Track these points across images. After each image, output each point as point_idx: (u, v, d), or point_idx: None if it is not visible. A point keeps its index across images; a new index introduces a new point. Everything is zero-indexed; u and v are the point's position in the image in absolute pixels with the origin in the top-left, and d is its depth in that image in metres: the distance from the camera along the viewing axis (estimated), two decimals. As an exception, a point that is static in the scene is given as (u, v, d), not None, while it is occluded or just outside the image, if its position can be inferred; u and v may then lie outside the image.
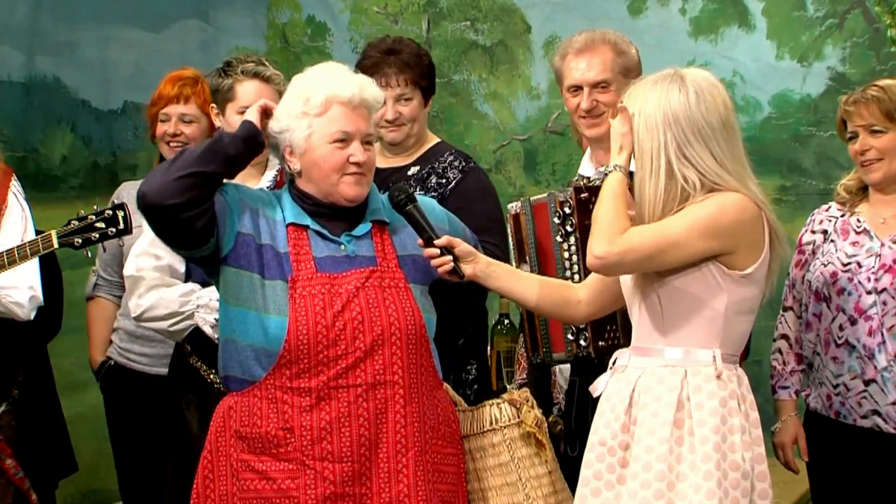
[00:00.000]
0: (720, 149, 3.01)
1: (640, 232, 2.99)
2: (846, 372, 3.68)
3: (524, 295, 3.26)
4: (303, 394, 3.14)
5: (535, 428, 3.36)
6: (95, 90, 5.64)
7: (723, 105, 3.05)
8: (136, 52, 5.75)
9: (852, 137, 3.72)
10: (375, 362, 3.15)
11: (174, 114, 4.28)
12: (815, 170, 5.22)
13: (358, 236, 3.24)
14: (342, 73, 3.27)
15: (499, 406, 3.40)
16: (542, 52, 5.76)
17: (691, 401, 3.00)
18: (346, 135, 3.19)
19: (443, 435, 3.26)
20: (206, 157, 3.15)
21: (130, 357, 4.34)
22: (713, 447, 2.96)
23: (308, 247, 3.21)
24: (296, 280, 3.16)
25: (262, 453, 3.17)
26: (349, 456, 3.13)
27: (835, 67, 5.27)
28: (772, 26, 5.37)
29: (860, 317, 3.66)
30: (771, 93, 5.36)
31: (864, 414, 3.65)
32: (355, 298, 3.16)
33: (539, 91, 5.78)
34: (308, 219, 3.24)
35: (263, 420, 3.17)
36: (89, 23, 5.68)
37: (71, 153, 5.60)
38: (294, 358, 3.14)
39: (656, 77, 3.08)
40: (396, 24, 5.93)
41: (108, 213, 3.68)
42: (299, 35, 6.06)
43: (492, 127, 5.86)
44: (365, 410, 3.14)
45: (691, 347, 3.04)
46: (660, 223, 2.99)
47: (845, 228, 3.75)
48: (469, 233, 3.47)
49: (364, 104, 3.21)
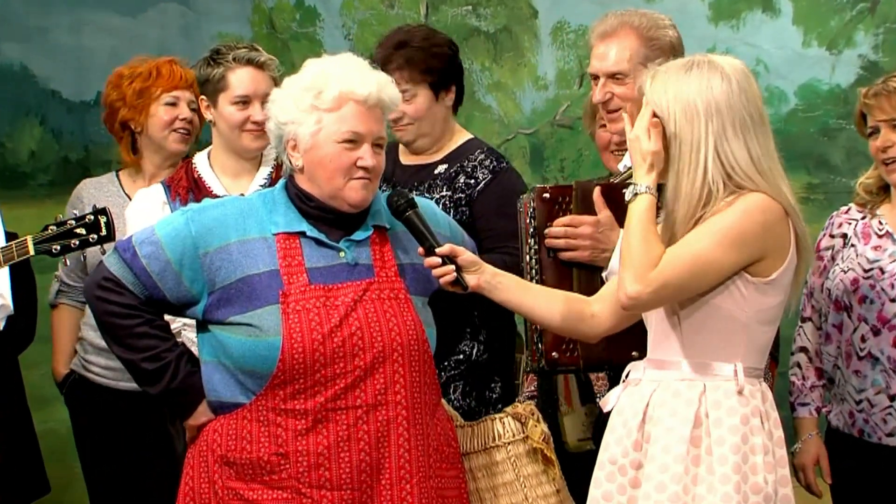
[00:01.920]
0: (756, 144, 2.98)
1: (672, 262, 2.93)
2: (870, 386, 3.66)
3: (532, 309, 3.20)
4: (298, 416, 3.08)
5: (542, 444, 3.34)
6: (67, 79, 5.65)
7: (759, 96, 3.02)
8: (111, 39, 5.74)
9: (873, 133, 3.67)
10: (377, 381, 3.10)
11: (184, 98, 4.22)
12: (844, 166, 5.18)
13: (357, 241, 3.18)
14: (360, 67, 3.20)
15: (502, 421, 3.38)
16: (549, 38, 5.72)
17: (710, 417, 2.96)
18: (356, 136, 3.12)
19: (445, 457, 3.22)
20: (140, 373, 3.22)
21: (94, 370, 4.29)
22: (732, 468, 2.91)
23: (300, 256, 3.14)
24: (288, 294, 3.09)
25: (252, 480, 3.11)
26: (349, 483, 3.07)
27: (866, 55, 5.22)
28: (798, 11, 5.33)
29: (884, 327, 3.65)
30: (797, 83, 5.31)
31: (889, 431, 3.63)
32: (353, 312, 3.10)
33: (546, 81, 5.74)
34: (304, 223, 3.16)
35: (254, 444, 3.10)
36: (61, 6, 5.69)
37: (40, 147, 5.62)
38: (288, 378, 3.07)
39: (686, 63, 3.03)
40: (392, 8, 5.90)
41: (88, 218, 3.63)
42: (287, 20, 6.03)
43: (495, 120, 5.83)
44: (366, 434, 3.08)
45: (711, 360, 2.99)
46: (687, 245, 2.94)
47: (866, 232, 3.74)
48: (468, 239, 3.41)
49: (380, 104, 3.16)
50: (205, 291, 3.15)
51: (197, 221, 3.16)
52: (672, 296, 2.96)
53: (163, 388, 3.20)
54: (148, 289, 3.16)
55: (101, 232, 3.63)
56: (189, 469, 3.22)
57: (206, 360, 3.19)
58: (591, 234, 3.38)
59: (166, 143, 4.23)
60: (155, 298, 3.17)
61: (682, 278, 2.93)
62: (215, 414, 3.17)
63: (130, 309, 3.18)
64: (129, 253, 3.16)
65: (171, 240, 3.15)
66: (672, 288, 2.93)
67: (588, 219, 3.39)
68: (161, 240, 3.15)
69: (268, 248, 3.13)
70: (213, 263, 3.13)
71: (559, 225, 3.40)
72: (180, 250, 3.14)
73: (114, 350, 3.26)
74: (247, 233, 3.15)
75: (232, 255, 3.13)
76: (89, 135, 5.63)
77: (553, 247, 3.41)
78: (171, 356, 3.20)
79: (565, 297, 3.22)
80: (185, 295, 3.16)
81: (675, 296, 2.97)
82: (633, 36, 3.56)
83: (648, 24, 3.57)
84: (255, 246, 3.14)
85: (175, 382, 3.19)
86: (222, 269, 3.13)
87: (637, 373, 3.09)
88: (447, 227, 3.35)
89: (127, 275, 3.16)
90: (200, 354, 3.22)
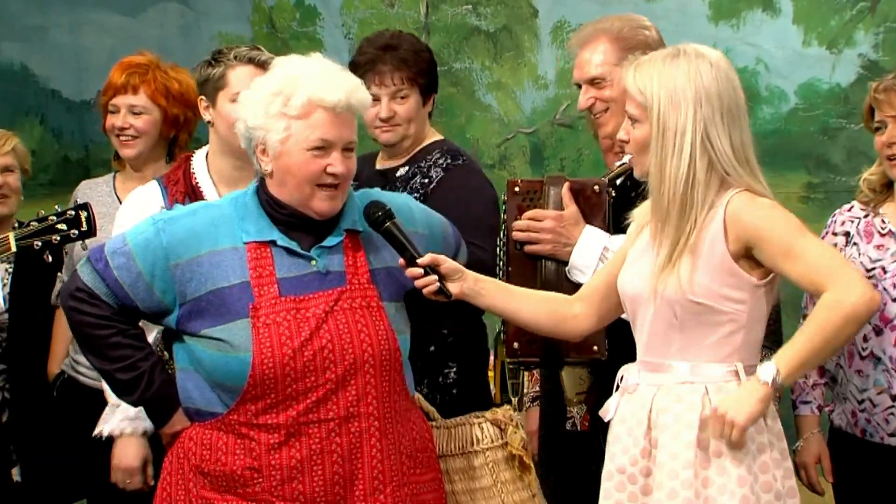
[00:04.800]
0: (739, 134, 2.99)
1: (833, 256, 2.98)
2: (872, 386, 3.65)
3: (516, 313, 3.23)
4: (270, 430, 3.07)
5: (521, 451, 3.34)
6: (67, 79, 5.65)
7: (741, 89, 3.04)
8: (110, 38, 5.75)
9: (879, 128, 3.67)
10: (348, 394, 3.09)
11: (123, 105, 4.21)
12: (844, 165, 5.16)
13: (329, 247, 3.15)
14: (329, 71, 3.14)
15: (481, 426, 3.38)
16: (549, 38, 5.72)
17: None
18: (326, 143, 3.08)
19: (420, 462, 3.22)
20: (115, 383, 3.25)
21: (79, 370, 4.23)
22: (746, 469, 2.93)
23: (271, 266, 3.11)
24: (258, 308, 3.07)
25: (226, 492, 3.11)
26: (322, 496, 3.07)
27: (867, 54, 5.22)
28: (798, 10, 5.32)
29: (886, 326, 3.63)
30: (797, 82, 5.31)
31: (892, 431, 3.62)
32: (324, 325, 3.08)
33: (546, 80, 5.75)
34: (275, 231, 3.13)
35: (228, 456, 3.10)
36: (60, 6, 5.68)
37: (40, 147, 5.58)
38: (259, 393, 3.06)
39: (672, 51, 3.04)
40: (393, 7, 5.90)
41: (69, 213, 3.63)
42: (287, 19, 6.04)
43: (495, 119, 5.83)
44: (338, 446, 3.08)
45: (710, 361, 3.00)
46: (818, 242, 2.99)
47: (869, 230, 3.72)
48: (452, 231, 3.41)
49: (349, 110, 3.10)
50: (176, 302, 3.12)
51: (168, 232, 3.13)
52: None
53: (138, 397, 3.22)
54: (120, 299, 3.14)
55: (81, 227, 3.61)
56: (166, 475, 3.21)
57: (181, 368, 3.18)
58: (552, 227, 3.43)
59: (117, 147, 4.25)
60: (128, 308, 3.15)
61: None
62: (192, 421, 3.17)
63: (103, 319, 3.16)
64: (101, 263, 3.15)
65: (141, 250, 3.12)
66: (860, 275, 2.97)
67: (551, 213, 3.44)
68: (132, 250, 3.13)
69: (238, 258, 3.10)
70: (184, 275, 3.10)
71: (524, 218, 3.45)
72: (151, 261, 3.11)
73: (89, 360, 3.27)
74: (217, 243, 3.12)
75: (203, 266, 3.10)
76: (89, 134, 5.62)
77: (517, 239, 3.45)
78: (145, 366, 3.18)
79: (547, 298, 3.26)
80: (157, 305, 3.14)
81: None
82: (606, 39, 3.62)
83: (621, 26, 3.63)
84: (225, 257, 3.11)
85: (150, 392, 3.19)
86: (193, 280, 3.10)
87: (631, 377, 3.09)
88: (425, 224, 3.33)
89: (99, 285, 3.15)
90: (176, 362, 3.21)
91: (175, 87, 4.22)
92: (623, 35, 3.62)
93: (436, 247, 3.26)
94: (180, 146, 4.29)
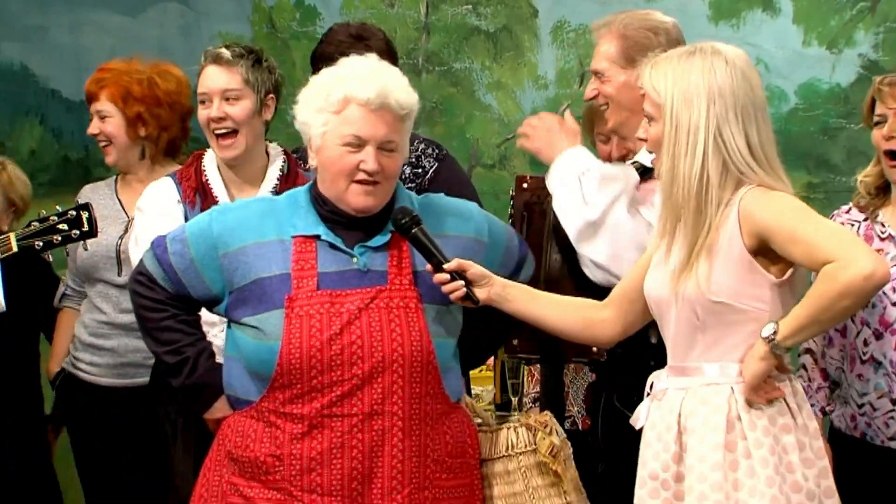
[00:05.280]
0: (756, 132, 2.97)
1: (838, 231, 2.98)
2: (872, 390, 3.64)
3: (543, 318, 3.24)
4: (295, 420, 3.12)
5: (548, 457, 3.31)
6: (67, 79, 5.61)
7: (759, 85, 3.02)
8: (111, 38, 5.73)
9: (879, 122, 3.65)
10: (374, 391, 3.11)
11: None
12: (845, 165, 5.17)
13: (374, 248, 3.18)
14: (373, 70, 3.18)
15: (516, 430, 3.36)
16: (549, 38, 5.73)
17: (742, 420, 2.97)
18: (358, 139, 3.12)
19: (449, 467, 3.22)
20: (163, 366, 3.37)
21: (80, 366, 4.30)
22: (773, 469, 2.93)
23: (314, 260, 3.16)
24: (294, 299, 3.12)
25: (251, 478, 3.17)
26: (339, 490, 3.11)
27: (867, 54, 5.24)
28: (798, 10, 5.34)
29: (886, 330, 3.62)
30: (797, 82, 5.33)
31: (892, 435, 3.61)
32: (356, 321, 3.11)
33: (546, 80, 5.75)
34: (321, 227, 3.18)
35: (256, 443, 3.16)
36: (60, 6, 5.67)
37: (40, 147, 5.60)
38: (286, 382, 3.11)
39: (689, 49, 3.04)
40: (393, 7, 5.89)
41: (70, 213, 3.65)
42: (287, 19, 6.02)
43: (495, 119, 5.83)
44: (359, 442, 3.10)
45: (734, 362, 3.00)
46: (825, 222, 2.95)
47: (868, 234, 3.69)
48: (517, 242, 3.41)
49: (385, 108, 3.12)
50: (225, 291, 3.20)
51: (220, 221, 3.23)
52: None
53: (181, 382, 3.29)
54: (175, 284, 3.24)
55: (83, 228, 3.65)
56: (208, 460, 3.28)
57: (227, 355, 3.26)
58: (549, 128, 3.54)
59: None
60: (181, 294, 3.26)
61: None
62: (233, 409, 3.24)
63: (158, 303, 3.27)
64: (161, 249, 3.25)
65: (195, 239, 3.22)
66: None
67: (555, 118, 3.55)
68: (188, 238, 3.23)
69: (283, 250, 3.16)
70: (231, 264, 3.18)
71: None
72: (203, 249, 3.20)
73: (145, 342, 3.37)
74: (264, 235, 3.19)
75: (248, 256, 3.17)
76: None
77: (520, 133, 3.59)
78: (190, 352, 3.28)
79: (575, 304, 3.25)
80: (207, 292, 3.23)
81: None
82: (612, 35, 3.61)
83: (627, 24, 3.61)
84: (270, 248, 3.17)
85: (192, 378, 3.28)
86: (238, 270, 3.18)
87: (660, 383, 3.10)
88: (486, 231, 3.31)
89: (158, 270, 3.25)
90: (225, 350, 3.28)
91: (136, 89, 4.23)
92: (626, 34, 3.61)
93: (497, 256, 3.30)
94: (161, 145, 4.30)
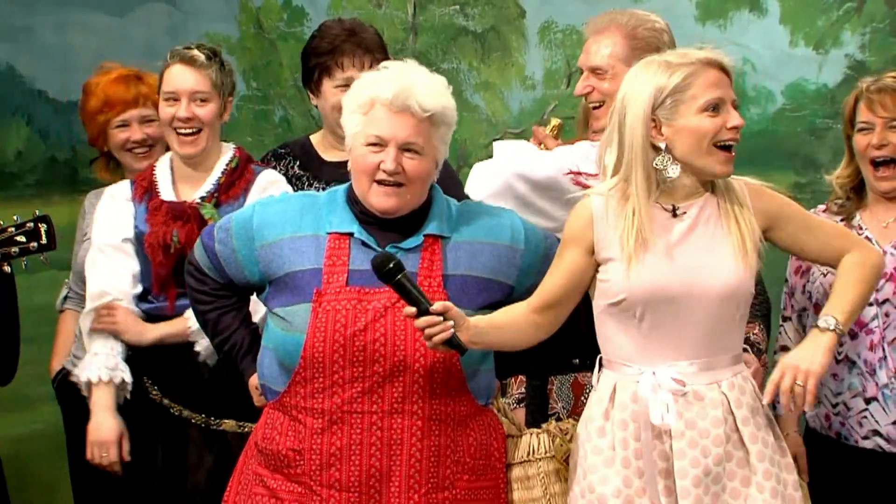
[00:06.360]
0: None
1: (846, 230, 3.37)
2: (846, 389, 3.70)
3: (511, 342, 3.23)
4: (316, 415, 3.17)
5: (562, 464, 3.32)
6: (53, 79, 5.62)
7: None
8: (97, 38, 5.74)
9: (864, 129, 3.66)
10: (395, 389, 3.15)
11: (134, 119, 4.23)
12: (831, 165, 4.94)
13: (406, 249, 3.21)
14: (398, 71, 3.23)
15: (538, 436, 3.38)
16: (536, 38, 5.72)
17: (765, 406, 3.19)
18: (379, 139, 3.16)
19: (472, 468, 3.25)
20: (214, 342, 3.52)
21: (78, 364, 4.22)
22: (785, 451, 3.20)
23: (346, 257, 3.20)
24: (322, 294, 3.16)
25: (275, 471, 3.23)
26: (356, 486, 3.15)
27: (853, 55, 5.23)
28: (785, 10, 5.34)
29: (860, 330, 3.68)
30: (785, 82, 5.33)
31: (865, 434, 3.68)
32: (382, 318, 3.14)
33: (534, 81, 5.74)
34: (355, 225, 3.23)
35: (282, 436, 3.22)
36: (47, 6, 5.66)
37: (27, 148, 5.60)
38: (309, 376, 3.17)
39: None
40: (380, 8, 5.89)
41: (28, 225, 3.61)
42: (275, 20, 6.01)
43: (483, 119, 5.82)
44: (378, 440, 3.15)
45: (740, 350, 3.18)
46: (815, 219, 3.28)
47: None
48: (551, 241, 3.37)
49: (408, 109, 3.15)
50: (264, 281, 3.28)
51: (260, 214, 3.30)
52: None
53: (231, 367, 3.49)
54: (219, 273, 3.34)
55: (41, 240, 3.61)
56: (245, 448, 3.37)
57: (264, 344, 3.33)
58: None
59: (127, 162, 4.26)
60: (228, 282, 3.37)
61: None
62: (266, 399, 3.31)
63: (204, 294, 3.40)
64: (208, 237, 3.37)
65: (238, 229, 3.30)
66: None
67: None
68: (233, 227, 3.31)
69: (317, 246, 3.21)
70: (268, 256, 3.25)
71: None
72: (243, 240, 3.28)
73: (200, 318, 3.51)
74: (300, 229, 3.24)
75: (283, 250, 3.23)
76: (76, 135, 5.41)
77: None
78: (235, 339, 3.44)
79: (519, 317, 3.23)
80: (247, 281, 3.32)
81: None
82: (619, 34, 3.64)
83: (635, 24, 3.65)
84: (305, 243, 3.22)
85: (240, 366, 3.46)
86: (273, 262, 3.24)
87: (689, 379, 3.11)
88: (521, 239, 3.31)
89: (204, 258, 3.37)
90: (263, 339, 3.35)
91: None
92: (635, 34, 3.64)
93: (535, 263, 3.31)
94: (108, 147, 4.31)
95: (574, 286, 3.19)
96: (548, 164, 3.53)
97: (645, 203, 3.09)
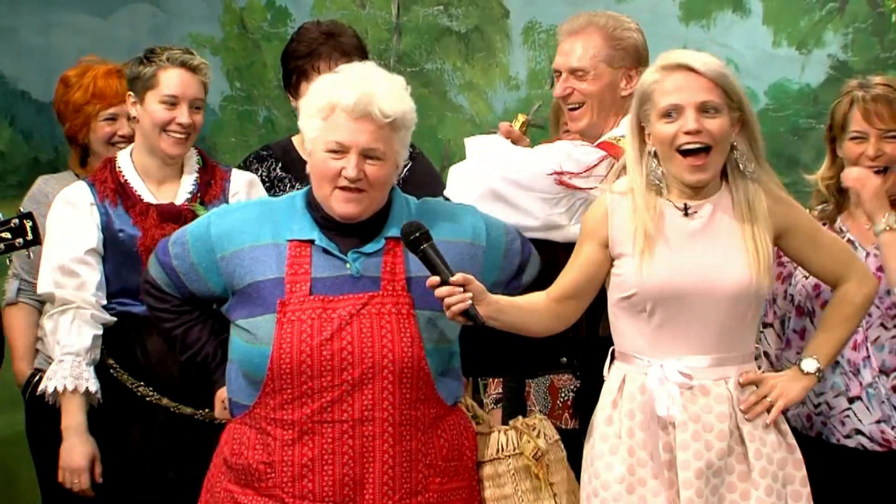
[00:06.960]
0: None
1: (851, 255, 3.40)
2: (829, 389, 3.67)
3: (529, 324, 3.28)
4: (286, 426, 3.13)
5: (531, 460, 3.33)
6: (36, 80, 5.60)
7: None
8: (81, 39, 5.71)
9: (857, 138, 3.64)
10: (364, 397, 3.12)
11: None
12: (814, 165, 4.94)
13: (368, 254, 3.18)
14: (358, 76, 3.19)
15: (506, 433, 3.38)
16: (520, 38, 5.74)
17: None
18: (340, 146, 3.12)
19: (443, 470, 3.23)
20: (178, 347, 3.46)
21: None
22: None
23: (308, 265, 3.16)
24: (286, 304, 3.13)
25: (245, 486, 3.19)
26: (331, 496, 3.12)
27: (836, 55, 5.27)
28: (768, 11, 5.37)
29: (843, 332, 3.67)
30: (768, 82, 5.35)
31: (847, 433, 3.66)
32: (348, 326, 3.12)
33: (518, 81, 5.76)
34: (316, 231, 3.19)
35: (249, 450, 3.18)
36: (30, 6, 5.66)
37: (9, 149, 5.60)
38: (277, 387, 3.13)
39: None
40: (364, 8, 5.89)
41: (14, 222, 3.59)
42: (258, 20, 6.01)
43: (467, 120, 5.83)
44: (350, 448, 3.12)
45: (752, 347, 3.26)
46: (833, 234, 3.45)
47: None
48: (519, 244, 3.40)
49: (367, 116, 3.11)
50: (226, 292, 3.25)
51: (217, 224, 3.26)
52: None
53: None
54: (179, 288, 3.30)
55: (27, 236, 3.59)
56: (212, 465, 3.32)
57: (229, 358, 3.29)
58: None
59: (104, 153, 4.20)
60: (189, 297, 3.32)
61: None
62: (232, 414, 3.27)
63: (164, 312, 3.38)
64: (163, 252, 3.32)
65: (195, 242, 3.26)
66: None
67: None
68: (188, 241, 3.27)
69: (278, 254, 3.17)
70: (229, 267, 3.21)
71: None
72: (202, 253, 3.25)
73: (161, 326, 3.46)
74: (260, 238, 3.20)
75: (244, 259, 3.19)
76: (59, 135, 5.23)
77: None
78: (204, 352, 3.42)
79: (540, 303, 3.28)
80: (210, 293, 3.29)
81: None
82: (598, 35, 3.65)
83: (614, 25, 3.66)
84: (265, 252, 3.19)
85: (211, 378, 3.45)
86: (235, 273, 3.21)
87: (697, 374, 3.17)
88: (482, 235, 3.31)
89: (161, 275, 3.32)
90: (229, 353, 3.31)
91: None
92: (615, 35, 3.66)
93: (496, 259, 3.32)
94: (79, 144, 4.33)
95: (590, 279, 3.27)
96: (532, 165, 3.54)
97: (646, 202, 3.19)
